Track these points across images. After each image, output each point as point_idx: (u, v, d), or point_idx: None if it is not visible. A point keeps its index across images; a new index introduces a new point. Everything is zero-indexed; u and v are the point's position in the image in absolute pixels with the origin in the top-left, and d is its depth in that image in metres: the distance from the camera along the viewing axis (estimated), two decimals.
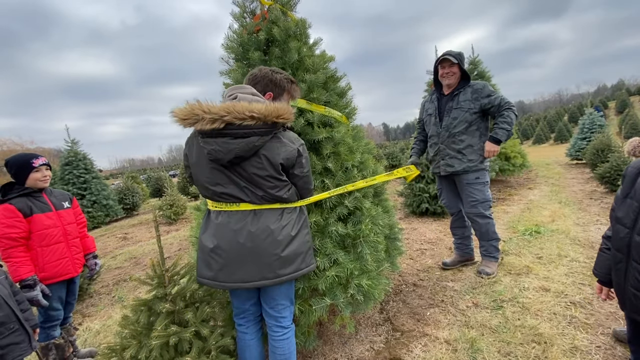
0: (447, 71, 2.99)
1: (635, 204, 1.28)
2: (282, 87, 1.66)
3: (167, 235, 6.55)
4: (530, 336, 2.15)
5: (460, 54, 3.02)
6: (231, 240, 1.43)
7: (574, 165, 10.29)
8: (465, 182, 3.03)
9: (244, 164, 1.42)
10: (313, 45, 2.30)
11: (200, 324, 1.63)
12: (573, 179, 8.04)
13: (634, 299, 1.31)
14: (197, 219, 2.25)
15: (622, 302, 1.44)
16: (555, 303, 2.50)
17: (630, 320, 1.45)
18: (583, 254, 3.33)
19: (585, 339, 2.10)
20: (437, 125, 3.10)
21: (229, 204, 1.47)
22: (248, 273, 1.44)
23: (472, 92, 2.95)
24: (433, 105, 3.16)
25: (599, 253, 1.66)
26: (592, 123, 10.72)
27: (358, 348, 2.24)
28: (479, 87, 2.95)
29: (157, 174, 15.45)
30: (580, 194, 6.21)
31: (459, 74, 3.01)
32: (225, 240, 1.44)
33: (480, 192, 3.00)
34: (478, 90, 2.93)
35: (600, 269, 1.62)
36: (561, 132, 25.25)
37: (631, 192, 1.32)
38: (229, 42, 2.23)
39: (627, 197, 1.33)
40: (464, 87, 3.00)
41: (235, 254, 1.43)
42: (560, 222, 4.50)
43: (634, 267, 1.28)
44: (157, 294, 1.62)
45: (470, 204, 3.04)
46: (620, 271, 1.37)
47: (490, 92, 2.92)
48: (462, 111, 2.96)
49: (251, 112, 1.32)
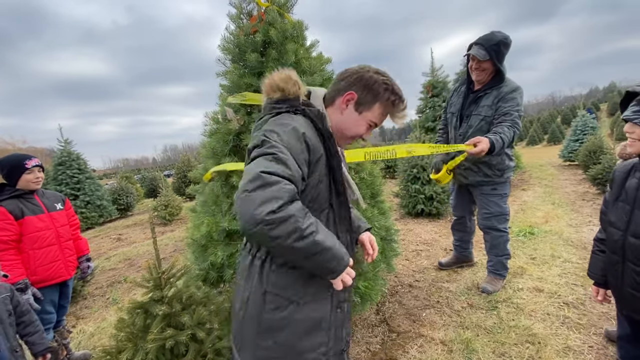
0: (476, 65, 2.50)
1: (627, 207, 1.30)
2: (374, 91, 1.12)
3: (162, 236, 6.50)
4: (524, 336, 2.18)
5: (499, 43, 2.37)
6: None
7: (566, 167, 10.42)
8: (480, 192, 2.77)
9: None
10: (310, 47, 2.31)
11: (197, 327, 1.62)
12: (566, 180, 8.14)
13: (631, 298, 1.34)
14: (193, 220, 2.25)
15: (619, 302, 1.47)
16: (549, 303, 2.53)
17: (629, 319, 1.47)
18: (576, 255, 3.37)
19: (578, 339, 2.13)
20: (456, 129, 2.74)
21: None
22: None
23: (497, 95, 2.50)
24: (458, 102, 2.75)
25: (592, 255, 1.68)
26: (584, 125, 10.86)
27: (354, 349, 2.25)
28: (505, 90, 2.47)
29: (152, 174, 15.34)
30: (573, 195, 6.29)
31: (492, 70, 2.48)
32: None
33: (495, 205, 2.71)
34: (502, 95, 2.47)
35: (595, 271, 1.64)
36: (554, 133, 25.51)
37: (621, 195, 1.34)
38: (225, 44, 2.23)
39: (618, 200, 1.36)
40: (492, 87, 2.52)
41: None
42: (553, 223, 4.56)
43: (630, 268, 1.31)
44: (153, 297, 1.61)
45: (484, 215, 2.77)
46: (617, 272, 1.39)
47: (512, 98, 2.44)
48: (479, 118, 2.56)
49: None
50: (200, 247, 2.13)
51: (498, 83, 2.50)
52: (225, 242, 2.01)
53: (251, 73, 2.14)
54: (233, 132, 2.09)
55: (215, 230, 2.00)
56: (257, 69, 2.13)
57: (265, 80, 1.13)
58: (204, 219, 2.07)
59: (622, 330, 1.57)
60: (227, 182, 2.13)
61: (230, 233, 2.04)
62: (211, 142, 2.19)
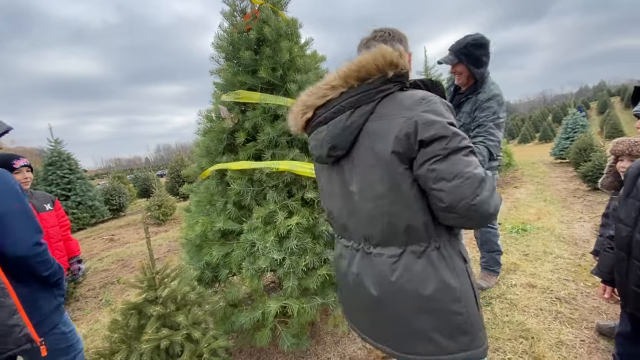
0: (451, 70, 2.41)
1: (637, 203, 1.29)
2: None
3: (155, 237, 6.44)
4: (518, 332, 2.21)
5: (467, 45, 2.24)
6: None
7: (558, 164, 10.56)
8: None
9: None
10: (304, 45, 2.30)
11: (192, 327, 1.61)
12: (557, 177, 8.25)
13: (635, 296, 1.33)
14: (188, 220, 2.23)
15: (624, 299, 1.46)
16: (542, 299, 2.57)
17: (631, 317, 1.48)
18: (567, 251, 3.42)
19: (570, 333, 2.16)
20: None
21: None
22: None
23: (474, 102, 2.38)
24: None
25: (602, 253, 1.67)
26: (575, 123, 11.01)
27: (350, 347, 2.25)
28: (482, 98, 2.34)
29: (145, 174, 15.18)
30: (564, 192, 6.38)
31: (467, 74, 2.35)
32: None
33: None
34: (478, 103, 2.35)
35: (604, 269, 1.63)
36: (545, 131, 25.85)
37: (632, 192, 1.33)
38: (219, 41, 2.21)
39: (629, 197, 1.34)
40: (472, 92, 2.41)
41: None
42: (545, 219, 4.62)
43: (636, 265, 1.29)
44: (147, 297, 1.59)
45: None
46: (622, 269, 1.38)
47: (488, 107, 2.31)
48: (459, 124, 2.40)
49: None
50: (195, 247, 2.12)
51: (476, 89, 2.39)
52: (221, 242, 2.00)
53: (245, 71, 2.12)
54: (227, 130, 2.08)
55: (210, 229, 1.99)
56: (251, 67, 2.12)
57: (367, 57, 0.90)
58: (198, 219, 2.05)
59: (623, 327, 1.58)
60: (222, 180, 2.12)
61: (225, 233, 2.03)
62: (205, 140, 2.17)
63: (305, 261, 1.81)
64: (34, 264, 1.34)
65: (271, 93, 2.10)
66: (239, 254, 1.87)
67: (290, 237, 1.85)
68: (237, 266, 1.90)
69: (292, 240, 1.83)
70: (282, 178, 1.98)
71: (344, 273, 1.11)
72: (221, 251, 1.94)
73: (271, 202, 1.93)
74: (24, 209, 1.33)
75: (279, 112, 2.02)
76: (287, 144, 2.06)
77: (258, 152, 2.06)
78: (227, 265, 1.95)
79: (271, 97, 2.04)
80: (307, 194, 1.95)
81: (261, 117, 2.03)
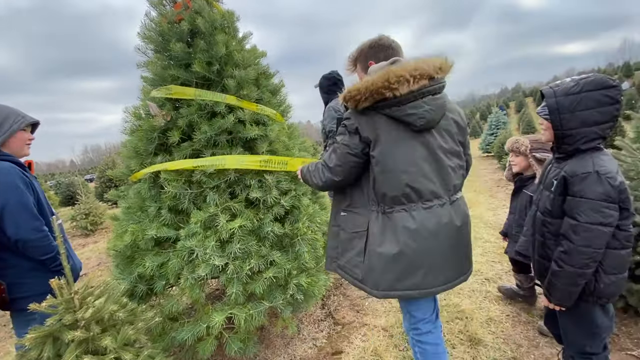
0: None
1: (541, 187, 1.55)
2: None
3: (83, 249, 5.74)
4: (454, 313, 2.39)
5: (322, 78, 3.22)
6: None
7: (485, 158, 11.76)
8: None
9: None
10: (242, 39, 2.20)
11: (122, 349, 1.44)
12: (485, 169, 9.18)
13: (537, 265, 1.55)
14: (116, 229, 2.00)
15: (534, 270, 1.67)
16: (474, 281, 2.82)
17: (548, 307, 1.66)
18: (494, 235, 3.81)
19: (497, 309, 2.40)
20: None
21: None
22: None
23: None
24: None
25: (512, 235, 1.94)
26: (497, 121, 12.36)
27: (301, 347, 2.23)
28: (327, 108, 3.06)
29: (69, 179, 13.41)
30: (490, 183, 7.12)
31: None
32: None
33: None
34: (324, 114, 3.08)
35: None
36: (474, 128, 28.56)
37: (542, 180, 1.58)
38: (146, 32, 2.01)
39: (540, 184, 1.60)
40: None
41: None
42: (475, 208, 5.10)
43: (538, 240, 1.54)
44: (64, 322, 1.38)
45: None
46: (532, 245, 1.62)
47: (327, 117, 2.98)
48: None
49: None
50: (125, 259, 1.91)
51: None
52: (154, 251, 1.83)
53: (177, 65, 1.97)
54: (158, 129, 1.90)
55: (141, 238, 1.80)
56: (184, 60, 1.96)
57: (422, 65, 1.21)
58: (127, 227, 1.85)
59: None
60: (155, 183, 1.94)
61: (160, 241, 1.86)
62: (133, 140, 1.97)
63: (249, 265, 1.74)
64: (31, 248, 1.56)
65: (207, 89, 1.97)
66: (176, 262, 1.73)
67: (233, 241, 1.76)
68: (175, 276, 1.76)
69: (235, 245, 1.75)
70: (224, 178, 1.88)
71: (444, 224, 1.33)
72: (155, 261, 1.77)
73: (212, 204, 1.82)
74: (22, 202, 1.54)
75: (217, 109, 1.91)
76: (227, 143, 1.95)
77: (195, 152, 1.92)
78: (163, 276, 1.79)
79: (208, 94, 1.92)
80: (252, 193, 1.87)
81: (197, 115, 1.90)
